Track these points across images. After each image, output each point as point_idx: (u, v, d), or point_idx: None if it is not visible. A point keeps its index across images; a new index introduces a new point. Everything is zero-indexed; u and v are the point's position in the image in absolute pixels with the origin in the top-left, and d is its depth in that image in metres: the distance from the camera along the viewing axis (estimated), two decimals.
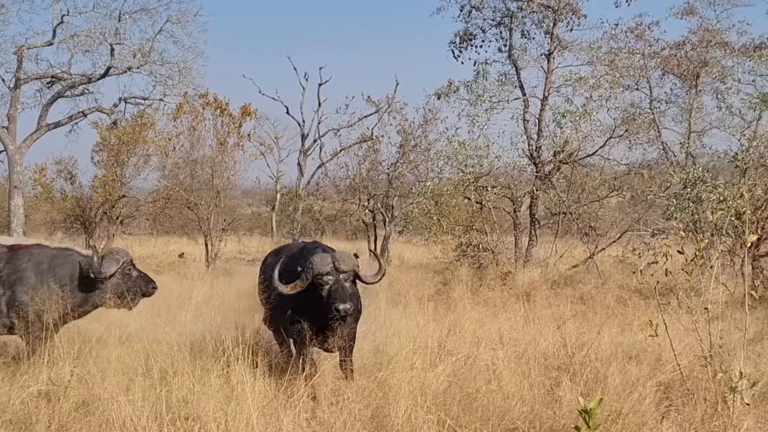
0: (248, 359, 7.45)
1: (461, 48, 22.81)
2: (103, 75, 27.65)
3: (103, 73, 27.59)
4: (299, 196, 30.75)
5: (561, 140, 20.66)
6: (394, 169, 28.05)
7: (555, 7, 21.26)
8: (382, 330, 9.81)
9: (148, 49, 27.85)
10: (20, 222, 26.86)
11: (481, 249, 20.28)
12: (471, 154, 20.66)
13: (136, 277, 8.84)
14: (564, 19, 21.48)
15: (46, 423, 6.32)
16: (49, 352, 8.04)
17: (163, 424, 6.11)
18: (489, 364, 7.89)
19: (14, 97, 27.44)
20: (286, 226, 39.86)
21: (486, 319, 11.74)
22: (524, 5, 21.60)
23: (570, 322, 10.56)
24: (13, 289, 8.33)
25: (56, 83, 28.46)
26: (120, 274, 8.64)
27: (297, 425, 6.32)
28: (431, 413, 6.40)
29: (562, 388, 7.20)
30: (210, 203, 23.79)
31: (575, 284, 17.09)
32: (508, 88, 21.92)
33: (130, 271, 8.78)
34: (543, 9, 21.47)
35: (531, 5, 21.42)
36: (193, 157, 24.95)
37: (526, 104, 21.65)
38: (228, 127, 25.62)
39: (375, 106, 29.65)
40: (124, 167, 26.24)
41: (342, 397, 6.92)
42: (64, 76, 28.21)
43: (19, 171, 26.97)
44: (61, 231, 28.31)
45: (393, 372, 7.43)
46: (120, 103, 28.48)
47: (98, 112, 28.28)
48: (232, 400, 6.50)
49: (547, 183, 20.55)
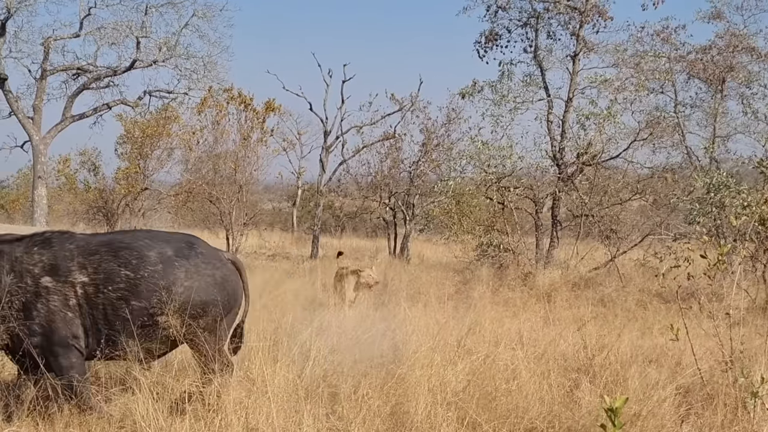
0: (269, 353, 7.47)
1: (486, 48, 22.78)
2: (128, 68, 27.86)
3: (128, 66, 27.80)
4: (320, 193, 30.74)
5: (584, 142, 20.61)
6: (416, 168, 28.02)
7: (581, 8, 21.20)
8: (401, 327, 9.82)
9: (173, 43, 28.04)
10: (43, 212, 27.08)
11: (502, 249, 20.27)
12: (494, 154, 20.64)
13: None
14: (590, 21, 21.41)
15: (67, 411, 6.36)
16: None
17: (184, 415, 6.14)
18: (508, 363, 7.88)
19: (40, 88, 27.67)
20: (307, 222, 39.93)
21: (506, 319, 11.73)
22: (551, 6, 21.54)
23: (590, 324, 10.54)
24: None
25: (82, 75, 28.70)
26: None
27: (317, 420, 6.33)
28: (451, 410, 6.41)
29: (581, 390, 7.19)
30: (232, 198, 23.84)
31: (596, 287, 17.05)
32: (532, 89, 21.88)
33: None
34: (569, 10, 21.41)
35: (557, 6, 21.37)
36: (217, 152, 25.02)
37: (550, 105, 21.60)
38: (252, 122, 25.67)
39: (398, 104, 29.60)
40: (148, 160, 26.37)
41: (361, 393, 6.94)
42: (89, 68, 28.44)
43: (44, 161, 27.20)
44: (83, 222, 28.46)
45: (412, 369, 7.44)
46: (145, 96, 28.70)
47: (123, 105, 28.48)
48: (252, 393, 6.52)
49: (569, 185, 20.50)
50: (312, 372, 7.44)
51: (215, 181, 24.43)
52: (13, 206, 42.45)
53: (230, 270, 7.36)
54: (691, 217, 18.05)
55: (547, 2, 21.60)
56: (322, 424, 6.36)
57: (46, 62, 27.80)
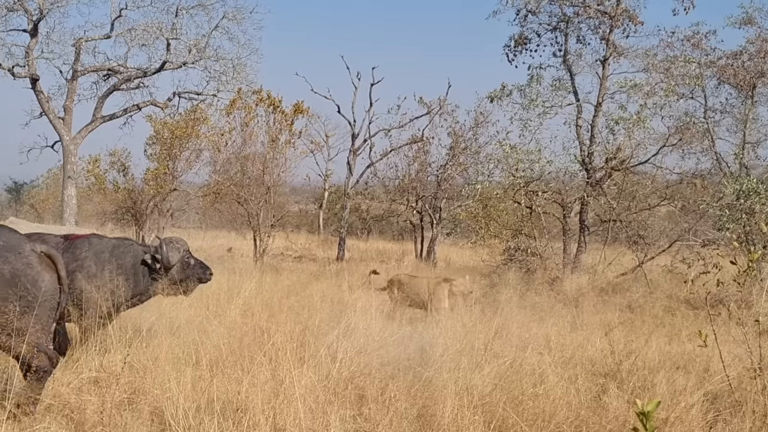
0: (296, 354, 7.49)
1: (516, 52, 22.75)
2: (158, 69, 28.00)
3: (158, 68, 27.95)
4: (347, 195, 30.79)
5: (613, 147, 20.54)
6: (444, 171, 28.00)
7: (612, 13, 21.12)
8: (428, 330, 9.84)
9: (203, 45, 28.15)
10: (73, 212, 27.27)
11: (530, 254, 20.24)
12: (522, 158, 20.61)
13: (194, 264, 8.94)
14: (620, 26, 21.34)
15: (97, 410, 6.40)
16: (102, 340, 8.14)
17: (212, 414, 6.17)
18: (535, 368, 7.88)
19: (71, 89, 27.87)
20: (333, 224, 40.02)
21: (533, 324, 11.73)
22: (581, 11, 21.47)
23: (617, 330, 10.51)
24: (71, 277, 8.42)
25: (112, 76, 28.87)
26: (179, 262, 8.78)
27: (344, 421, 6.35)
28: (477, 414, 6.41)
29: (609, 395, 7.17)
30: (260, 199, 23.92)
31: (623, 292, 17.00)
32: (561, 93, 21.81)
33: (189, 259, 8.89)
34: (599, 15, 21.34)
35: (588, 11, 21.30)
36: (245, 153, 25.10)
37: (579, 110, 21.53)
38: (280, 124, 25.73)
39: (426, 108, 29.59)
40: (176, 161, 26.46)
41: (388, 395, 6.95)
42: (120, 69, 28.60)
43: (74, 161, 27.38)
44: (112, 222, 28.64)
45: (439, 371, 7.45)
46: (174, 97, 28.82)
47: (152, 106, 28.63)
48: (280, 393, 6.55)
49: (597, 189, 20.44)
50: (339, 373, 7.47)
51: (243, 182, 24.52)
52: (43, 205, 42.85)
53: (28, 263, 6.65)
54: (721, 223, 17.94)
55: (577, 6, 21.54)
56: (349, 426, 6.38)
57: (77, 63, 28.00)
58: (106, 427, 6.22)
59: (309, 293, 12.97)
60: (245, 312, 10.38)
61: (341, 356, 7.81)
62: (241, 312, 10.31)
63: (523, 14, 22.46)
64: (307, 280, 15.87)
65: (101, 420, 6.24)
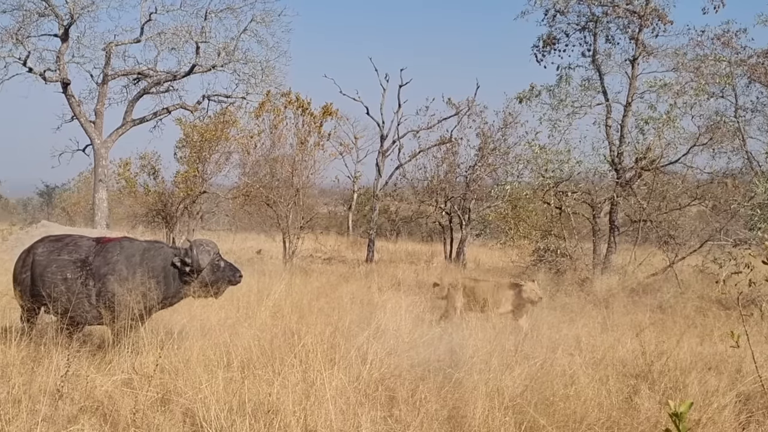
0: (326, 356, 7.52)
1: (544, 52, 22.69)
2: (187, 72, 28.16)
3: (187, 71, 28.11)
4: (376, 197, 30.81)
5: (643, 147, 20.43)
6: (472, 172, 27.96)
7: (641, 12, 21.01)
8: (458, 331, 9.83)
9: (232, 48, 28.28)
10: (104, 215, 27.48)
11: (559, 254, 20.19)
12: (551, 158, 20.55)
13: (224, 267, 8.89)
14: (650, 25, 21.22)
15: (130, 411, 6.45)
16: (134, 342, 8.20)
17: (244, 416, 6.20)
18: (566, 369, 7.87)
19: (101, 93, 28.10)
20: (362, 225, 40.04)
21: (563, 325, 11.71)
22: (609, 10, 21.38)
23: (648, 330, 10.47)
24: (104, 281, 8.49)
25: (142, 80, 29.09)
26: (210, 264, 8.76)
27: (374, 423, 6.36)
28: (508, 415, 6.40)
29: (640, 396, 7.14)
30: (289, 201, 23.99)
31: (654, 293, 16.90)
32: (590, 93, 21.72)
33: (219, 261, 8.85)
34: (628, 14, 21.23)
35: (616, 10, 21.20)
36: (274, 155, 25.17)
37: (608, 110, 21.43)
38: (309, 126, 25.78)
39: (455, 109, 29.55)
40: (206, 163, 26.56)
41: (419, 396, 6.96)
42: (150, 72, 28.81)
43: (104, 165, 27.59)
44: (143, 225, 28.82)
45: (470, 373, 7.45)
46: (203, 100, 28.98)
47: (182, 109, 28.80)
48: (311, 395, 6.58)
49: (627, 190, 20.33)
50: (369, 375, 7.48)
51: (272, 184, 24.60)
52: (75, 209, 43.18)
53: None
54: (752, 223, 17.82)
55: (606, 6, 21.44)
56: (380, 427, 6.39)
57: (107, 67, 28.22)
58: (140, 428, 6.27)
59: (339, 295, 12.99)
60: (275, 314, 10.42)
61: (371, 358, 7.83)
62: (271, 314, 10.34)
63: (552, 14, 22.40)
64: (336, 282, 15.89)
65: (134, 421, 6.28)
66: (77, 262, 8.71)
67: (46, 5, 26.95)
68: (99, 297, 8.50)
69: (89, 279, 8.57)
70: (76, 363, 7.44)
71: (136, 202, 28.94)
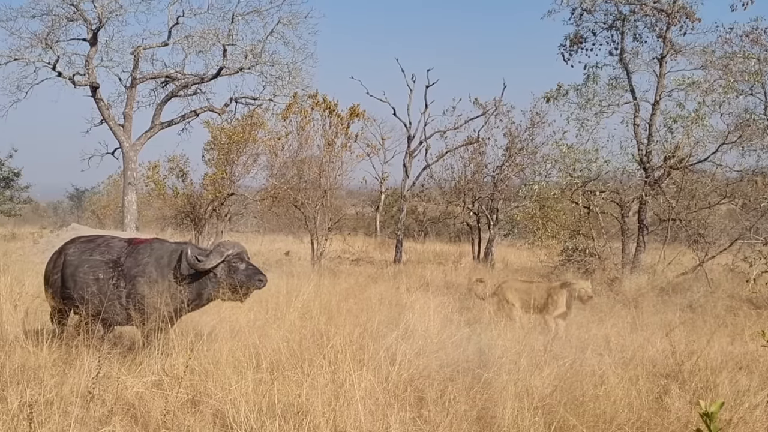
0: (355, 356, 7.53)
1: (571, 51, 22.60)
2: (215, 75, 28.29)
3: (215, 74, 28.24)
4: (404, 198, 30.81)
5: (672, 145, 20.30)
6: (500, 172, 27.89)
7: (668, 10, 20.89)
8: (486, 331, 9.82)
9: (259, 50, 28.38)
10: (133, 218, 27.68)
11: (588, 254, 20.12)
12: (579, 157, 20.47)
13: (243, 269, 8.67)
14: (677, 23, 21.08)
15: (160, 413, 6.49)
16: (164, 343, 8.24)
17: (273, 417, 6.23)
18: (596, 369, 7.84)
19: (130, 96, 28.29)
20: (390, 226, 40.06)
21: (592, 325, 11.67)
22: (637, 8, 21.27)
23: (678, 330, 10.41)
24: (134, 282, 8.52)
25: (170, 83, 29.27)
26: (226, 266, 8.63)
27: (403, 423, 6.37)
28: (538, 415, 6.39)
29: (670, 396, 7.11)
30: (316, 202, 24.04)
31: (684, 292, 16.80)
32: (618, 92, 21.60)
33: (237, 263, 8.66)
34: (656, 12, 21.11)
35: (644, 8, 21.08)
36: (301, 157, 25.23)
37: (636, 108, 21.32)
38: (336, 128, 25.83)
39: (482, 109, 29.51)
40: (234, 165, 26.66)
41: (448, 397, 6.96)
42: (177, 75, 28.99)
43: (133, 168, 27.79)
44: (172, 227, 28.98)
45: (499, 373, 7.45)
46: (231, 102, 29.11)
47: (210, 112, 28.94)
48: (340, 396, 6.59)
49: (656, 188, 20.22)
50: (398, 376, 7.49)
51: (300, 186, 24.65)
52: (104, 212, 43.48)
53: None
54: None
55: (633, 4, 21.33)
56: (409, 428, 6.40)
57: (135, 71, 28.40)
58: (170, 429, 6.31)
59: (367, 296, 12.99)
60: (304, 315, 10.43)
61: (400, 358, 7.83)
62: (299, 315, 10.36)
63: (579, 13, 22.32)
64: (364, 283, 15.89)
65: (165, 422, 6.32)
66: (109, 262, 8.75)
67: (74, 10, 27.17)
68: (129, 298, 8.54)
69: (120, 280, 8.61)
70: (107, 365, 7.49)
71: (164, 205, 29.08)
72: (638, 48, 21.83)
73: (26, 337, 8.70)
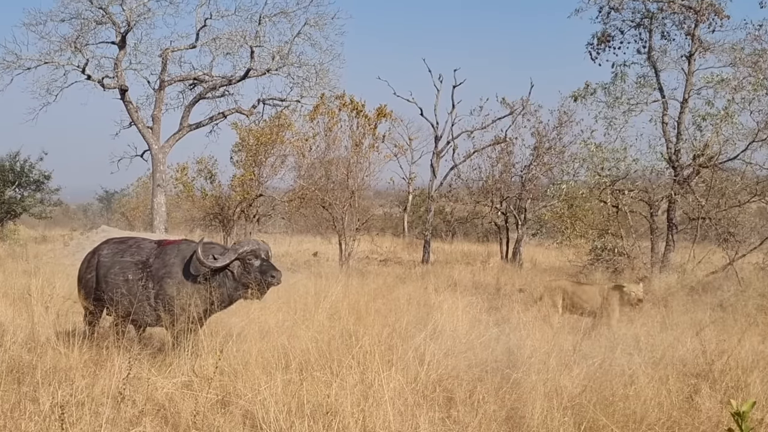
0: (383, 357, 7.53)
1: (599, 50, 22.50)
2: (242, 77, 28.44)
3: (242, 75, 28.38)
4: (431, 198, 30.80)
5: (701, 143, 20.16)
6: (528, 172, 27.85)
7: (697, 8, 20.75)
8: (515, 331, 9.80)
9: (286, 52, 28.49)
10: (162, 219, 27.86)
11: (617, 253, 20.02)
12: (607, 156, 20.36)
13: (258, 266, 8.59)
14: (706, 20, 20.94)
15: (190, 413, 6.52)
16: (193, 344, 8.28)
17: (303, 417, 6.25)
18: (625, 368, 7.81)
19: (158, 99, 28.49)
20: (418, 227, 40.04)
21: (621, 324, 11.61)
22: (665, 6, 21.15)
23: (709, 329, 10.34)
24: (161, 283, 8.57)
25: (198, 85, 29.45)
26: (241, 264, 8.59)
27: (432, 424, 6.37)
28: (567, 415, 6.38)
29: (701, 395, 7.07)
30: (344, 203, 24.09)
31: (714, 291, 16.67)
32: (646, 90, 21.48)
33: (252, 260, 8.59)
34: (684, 10, 20.98)
35: (672, 6, 20.96)
36: (329, 158, 25.31)
37: (665, 107, 21.19)
38: (363, 129, 25.88)
39: (509, 108, 29.47)
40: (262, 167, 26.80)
41: (477, 397, 6.96)
42: (205, 78, 29.16)
43: (162, 170, 27.97)
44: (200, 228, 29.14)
45: (528, 373, 7.43)
46: (258, 104, 29.24)
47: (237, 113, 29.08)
48: (369, 396, 6.60)
49: (685, 187, 20.09)
50: (427, 376, 7.49)
51: (327, 186, 24.72)
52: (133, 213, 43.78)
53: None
54: None
55: (661, 2, 21.21)
56: (438, 428, 6.40)
57: (164, 73, 28.61)
58: (200, 430, 6.34)
59: (395, 296, 12.99)
60: (332, 315, 10.43)
61: (429, 359, 7.84)
62: (328, 316, 10.36)
63: (606, 11, 22.22)
64: (393, 283, 15.89)
65: (195, 423, 6.36)
66: (138, 263, 8.81)
67: (103, 13, 27.40)
68: (157, 299, 8.59)
69: (149, 281, 8.66)
70: (137, 366, 7.55)
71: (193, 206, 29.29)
72: (666, 46, 21.73)
73: (57, 338, 8.77)
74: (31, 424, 6.19)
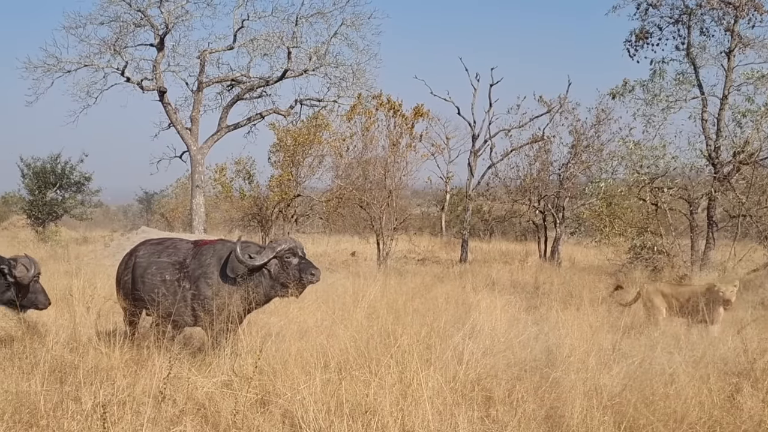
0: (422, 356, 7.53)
1: (637, 47, 22.35)
2: (280, 78, 28.56)
3: (280, 76, 28.50)
4: (469, 197, 30.72)
5: (741, 140, 19.97)
6: (566, 170, 27.67)
7: (736, 3, 20.55)
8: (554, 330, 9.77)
9: (323, 52, 28.57)
10: (201, 220, 28.05)
11: (656, 251, 19.88)
12: (646, 154, 20.20)
13: (296, 264, 8.61)
14: (745, 16, 20.72)
15: (230, 412, 6.57)
16: (232, 344, 8.33)
17: (342, 416, 6.27)
18: (665, 367, 7.76)
19: (197, 100, 28.69)
20: (456, 226, 39.99)
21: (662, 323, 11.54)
22: (704, 2, 20.95)
23: (750, 327, 10.25)
24: (197, 284, 8.62)
25: (236, 86, 29.62)
26: (279, 262, 8.61)
27: (471, 423, 6.37)
28: (607, 415, 6.35)
29: (742, 395, 7.01)
30: (382, 203, 24.09)
31: (755, 289, 16.51)
32: (685, 87, 21.31)
33: (290, 258, 8.61)
34: (723, 5, 20.78)
35: (711, 2, 20.76)
36: (366, 158, 25.31)
37: (704, 103, 21.02)
38: (400, 128, 25.85)
39: (546, 106, 29.29)
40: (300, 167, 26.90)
41: (516, 396, 6.95)
42: (243, 79, 29.32)
43: (201, 171, 28.17)
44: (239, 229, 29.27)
45: (567, 372, 7.41)
46: (296, 104, 29.36)
47: (275, 114, 29.21)
48: (408, 395, 6.61)
49: (725, 184, 19.91)
50: (465, 375, 7.49)
51: (365, 186, 24.73)
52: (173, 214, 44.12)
53: None
54: None
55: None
56: (477, 427, 6.40)
57: (202, 75, 28.81)
58: (240, 429, 6.38)
59: (433, 295, 12.99)
60: (371, 315, 10.44)
61: (467, 358, 7.83)
62: (366, 315, 10.37)
63: (644, 8, 22.07)
64: (431, 283, 15.89)
65: (235, 422, 6.40)
66: (175, 264, 8.87)
67: (142, 16, 27.64)
68: (194, 299, 8.64)
69: (185, 281, 8.72)
70: (177, 365, 7.60)
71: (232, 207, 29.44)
72: (705, 42, 21.53)
73: (99, 338, 8.86)
74: (74, 423, 6.26)
